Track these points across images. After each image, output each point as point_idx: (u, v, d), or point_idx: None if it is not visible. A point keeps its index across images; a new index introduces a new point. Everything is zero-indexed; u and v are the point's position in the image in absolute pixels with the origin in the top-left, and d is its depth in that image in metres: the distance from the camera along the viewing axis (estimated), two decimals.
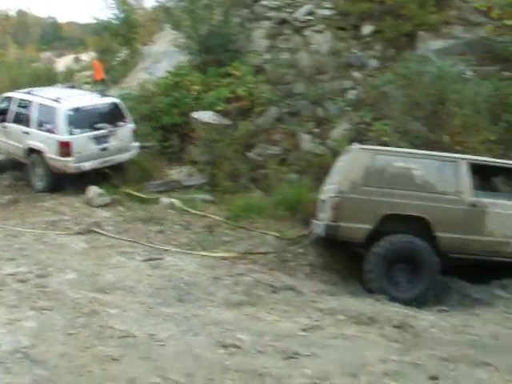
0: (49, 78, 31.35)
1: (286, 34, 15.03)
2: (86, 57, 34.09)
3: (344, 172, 8.87)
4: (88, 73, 26.54)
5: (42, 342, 5.28)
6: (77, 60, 36.94)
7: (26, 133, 12.63)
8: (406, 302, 7.77)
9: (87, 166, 12.18)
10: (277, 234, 10.10)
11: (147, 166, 12.71)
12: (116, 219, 10.56)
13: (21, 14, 57.53)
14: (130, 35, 22.58)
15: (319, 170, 11.55)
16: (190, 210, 11.07)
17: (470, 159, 8.73)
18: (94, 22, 26.32)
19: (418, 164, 8.58)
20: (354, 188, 8.48)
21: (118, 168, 12.61)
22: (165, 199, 11.54)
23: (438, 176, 8.56)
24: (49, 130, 12.24)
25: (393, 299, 7.84)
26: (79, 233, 9.64)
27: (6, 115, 13.23)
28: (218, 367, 5.03)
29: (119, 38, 23.22)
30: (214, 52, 14.67)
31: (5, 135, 13.34)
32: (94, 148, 12.34)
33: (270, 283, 7.81)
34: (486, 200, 8.52)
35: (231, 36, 14.94)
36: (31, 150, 12.54)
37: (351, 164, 8.81)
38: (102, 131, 12.48)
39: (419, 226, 8.36)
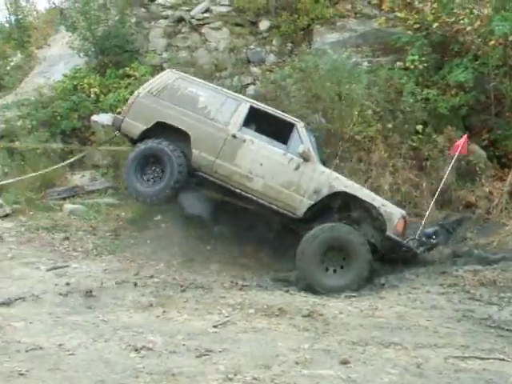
0: None
1: (183, 32, 14.96)
2: None
3: (149, 82, 10.28)
4: None
5: None
6: None
7: None
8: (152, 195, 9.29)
9: None
10: None
11: (48, 173, 12.37)
12: (18, 229, 10.20)
13: None
14: (23, 38, 21.88)
15: None
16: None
17: (253, 103, 9.72)
18: None
19: (206, 93, 9.75)
20: (147, 96, 9.78)
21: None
22: (68, 205, 11.28)
23: (218, 107, 9.54)
24: None
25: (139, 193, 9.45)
26: None
27: None
28: (130, 371, 4.99)
29: (12, 42, 22.45)
30: (112, 53, 14.40)
31: None
32: None
33: (178, 283, 7.81)
34: (247, 136, 9.35)
35: (128, 36, 14.73)
36: None
37: (158, 79, 10.21)
38: None
39: (183, 139, 9.42)
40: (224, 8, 14.90)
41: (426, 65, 11.70)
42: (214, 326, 6.14)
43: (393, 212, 8.71)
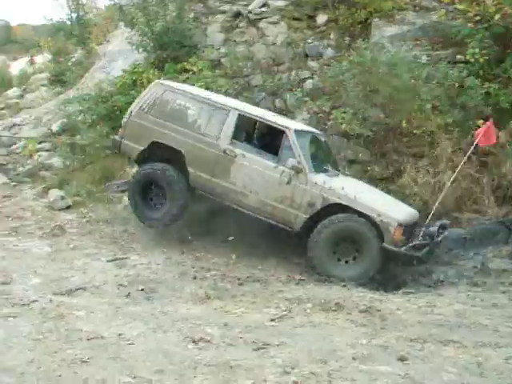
0: (3, 82, 30.85)
1: (241, 26, 14.97)
2: (41, 59, 33.60)
3: (139, 98, 9.96)
4: (43, 75, 26.19)
5: (9, 349, 5.25)
6: (31, 62, 36.35)
7: None
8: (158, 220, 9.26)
9: None
10: None
11: (109, 166, 12.61)
12: (79, 221, 10.46)
13: None
14: (84, 35, 22.32)
15: None
16: None
17: (241, 111, 9.27)
18: (47, 23, 25.98)
19: (194, 105, 9.38)
20: (139, 113, 9.59)
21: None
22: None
23: (207, 119, 9.22)
24: None
25: (147, 220, 9.42)
26: (42, 237, 9.56)
27: None
28: (188, 362, 5.07)
29: (73, 39, 22.93)
30: (170, 48, 14.54)
31: None
32: None
33: (236, 276, 7.85)
34: (238, 150, 9.01)
35: (186, 31, 14.83)
36: None
37: (148, 93, 9.84)
38: None
39: (178, 158, 9.24)
40: (281, 2, 14.84)
41: (486, 58, 11.40)
42: (272, 320, 6.17)
43: (389, 221, 8.27)
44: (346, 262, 8.47)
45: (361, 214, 8.34)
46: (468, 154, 9.55)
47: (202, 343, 5.48)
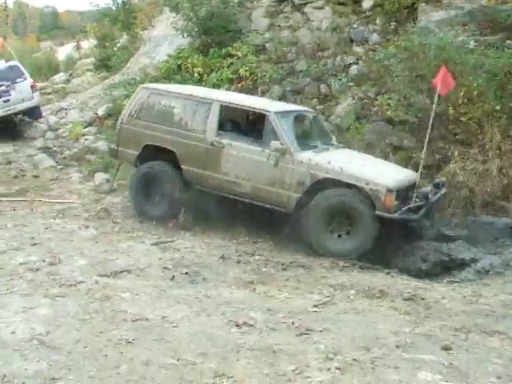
0: (50, 67, 31.30)
1: (285, 11, 14.92)
2: (87, 44, 33.99)
3: (128, 105, 10.34)
4: (89, 60, 26.50)
5: (57, 328, 5.37)
6: (77, 48, 36.80)
7: None
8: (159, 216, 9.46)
9: None
10: None
11: None
12: (124, 204, 10.60)
13: (19, 4, 57.26)
14: (129, 20, 22.49)
15: None
16: None
17: (222, 101, 9.41)
18: (93, 9, 26.26)
19: (178, 103, 9.61)
20: (129, 120, 9.91)
21: None
22: None
23: (191, 115, 9.43)
24: None
25: (149, 217, 9.59)
26: (88, 219, 9.72)
27: None
28: (231, 346, 5.11)
29: (119, 24, 23.12)
30: (215, 33, 14.59)
31: None
32: None
33: (279, 261, 7.84)
34: (225, 141, 9.15)
35: (231, 16, 14.86)
36: None
37: (134, 99, 10.13)
38: (1, 88, 15.77)
39: (171, 157, 9.47)
40: None
41: None
42: (315, 306, 6.16)
43: (378, 188, 8.18)
44: (339, 236, 8.50)
45: (350, 185, 8.32)
46: (434, 105, 9.36)
47: (246, 327, 5.51)
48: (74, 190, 11.43)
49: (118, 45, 22.93)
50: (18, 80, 16.36)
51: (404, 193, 8.55)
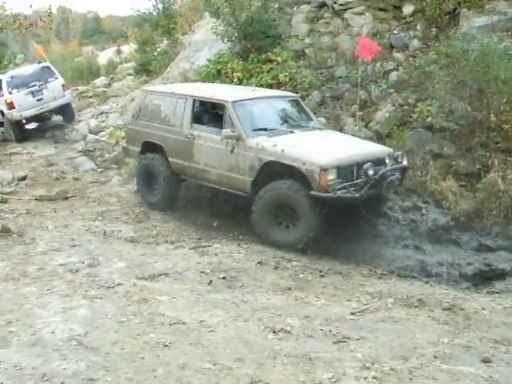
0: (91, 71, 31.73)
1: (325, 17, 14.87)
2: (128, 49, 34.38)
3: (132, 107, 11.67)
4: (129, 64, 26.79)
5: (95, 329, 5.45)
6: (118, 52, 37.27)
7: None
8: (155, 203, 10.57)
9: (27, 113, 17.49)
10: None
11: None
12: (166, 208, 10.63)
13: (62, 10, 58.24)
14: (169, 26, 22.68)
15: None
16: None
17: (195, 96, 10.09)
18: (134, 14, 26.57)
19: (164, 101, 10.50)
20: (132, 121, 11.08)
21: None
22: None
23: (172, 111, 10.23)
24: (2, 95, 17.58)
25: (149, 204, 10.66)
26: (127, 222, 9.82)
27: None
28: (268, 352, 5.10)
29: (159, 29, 23.33)
30: (255, 38, 14.62)
31: None
32: (31, 100, 17.46)
33: (317, 268, 7.79)
34: (196, 133, 9.79)
35: (271, 22, 14.86)
36: (1, 112, 17.83)
37: (136, 101, 11.48)
38: (34, 87, 17.54)
39: (162, 151, 10.36)
40: None
41: None
42: (352, 313, 6.10)
43: (312, 168, 8.22)
44: (287, 226, 8.65)
45: (290, 167, 8.49)
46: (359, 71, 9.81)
47: (282, 334, 5.49)
48: (113, 192, 11.57)
49: (159, 49, 23.16)
50: (49, 80, 18.03)
51: (349, 170, 8.48)
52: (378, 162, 8.80)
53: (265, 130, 9.35)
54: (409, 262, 8.38)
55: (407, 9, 13.98)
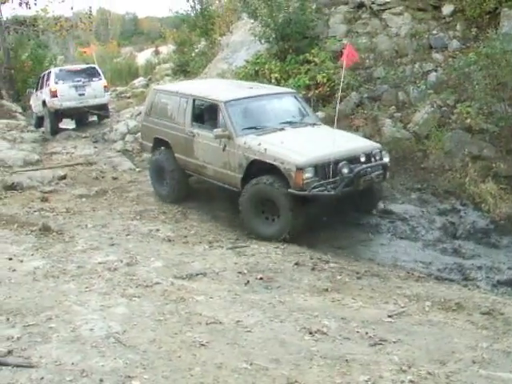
0: (130, 72, 32.09)
1: (363, 18, 14.83)
2: (166, 49, 34.66)
3: (145, 105, 12.27)
4: (167, 65, 27.02)
5: (133, 327, 5.50)
6: (156, 53, 37.63)
7: (41, 92, 19.89)
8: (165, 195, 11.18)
9: (68, 104, 18.90)
10: None
11: None
12: (201, 208, 10.74)
13: (102, 11, 58.98)
14: (207, 27, 22.82)
15: (402, 155, 11.41)
16: None
17: (195, 96, 10.54)
18: (172, 15, 26.81)
19: (171, 100, 11.03)
20: (145, 117, 11.75)
21: None
22: None
23: (177, 109, 10.76)
24: (47, 85, 19.24)
25: (161, 197, 11.28)
26: (165, 222, 9.90)
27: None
28: (304, 353, 5.09)
29: (197, 30, 23.50)
30: (292, 39, 14.63)
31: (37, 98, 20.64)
32: (74, 93, 18.97)
33: (354, 269, 7.75)
34: (195, 130, 10.30)
35: (308, 22, 14.85)
36: (43, 102, 19.41)
37: (148, 99, 12.01)
38: (79, 83, 19.06)
39: (169, 147, 10.97)
40: None
41: None
42: (389, 316, 6.05)
43: (290, 167, 8.64)
44: (273, 220, 9.01)
45: (272, 165, 8.88)
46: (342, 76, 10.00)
47: (319, 335, 5.48)
48: (151, 192, 11.65)
49: (197, 50, 23.33)
50: (93, 79, 19.63)
51: (324, 168, 8.74)
52: (355, 159, 9.07)
53: (255, 128, 9.73)
54: (447, 265, 8.27)
55: (447, 9, 13.85)
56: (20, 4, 27.71)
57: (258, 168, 9.16)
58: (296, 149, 8.93)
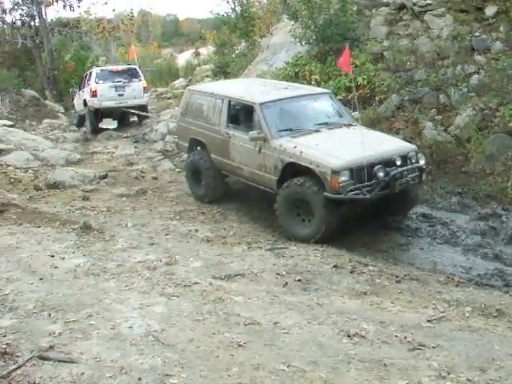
0: (170, 73, 32.36)
1: (405, 19, 14.70)
2: (206, 51, 34.86)
3: (180, 105, 12.36)
4: (207, 66, 27.17)
5: (171, 326, 5.57)
6: (196, 54, 37.86)
7: (83, 91, 20.59)
8: (201, 196, 11.30)
9: (107, 103, 19.40)
10: None
11: None
12: (240, 210, 10.80)
13: (143, 13, 59.65)
14: (247, 28, 22.91)
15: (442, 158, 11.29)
16: None
17: (230, 97, 10.60)
18: (213, 16, 26.97)
19: (206, 101, 11.08)
20: (181, 117, 11.86)
21: None
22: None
23: (212, 110, 10.81)
24: (88, 85, 19.82)
25: (197, 197, 11.41)
26: (204, 222, 9.96)
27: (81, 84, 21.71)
28: (342, 356, 5.09)
29: (237, 32, 23.61)
30: (333, 41, 14.60)
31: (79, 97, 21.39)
32: (113, 93, 19.43)
33: (393, 273, 7.68)
34: (231, 132, 10.35)
35: (349, 24, 14.80)
36: (84, 102, 20.06)
37: (183, 99, 12.09)
38: (119, 83, 19.59)
39: (205, 147, 11.08)
40: None
41: None
42: (429, 321, 5.99)
43: (325, 171, 8.62)
44: (309, 221, 9.03)
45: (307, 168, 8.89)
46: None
47: (357, 338, 5.46)
48: (190, 192, 11.73)
49: (237, 52, 23.46)
50: (134, 80, 20.12)
51: (360, 171, 8.70)
52: (391, 162, 8.99)
53: (290, 130, 9.72)
54: (488, 271, 8.15)
55: (490, 10, 13.63)
56: (64, 6, 28.40)
57: (293, 170, 9.16)
58: (331, 152, 8.90)
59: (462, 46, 13.33)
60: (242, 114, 10.56)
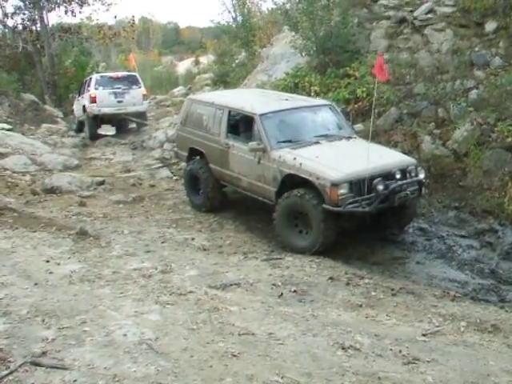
0: (170, 81, 32.41)
1: (405, 33, 14.75)
2: (206, 59, 34.94)
3: (180, 114, 12.47)
4: (207, 75, 27.22)
5: (166, 335, 5.53)
6: (196, 63, 37.94)
7: (82, 97, 20.62)
8: (199, 205, 11.29)
9: (106, 110, 19.38)
10: None
11: None
12: (236, 220, 10.76)
13: (144, 20, 59.83)
14: (248, 38, 22.96)
15: (440, 172, 11.30)
16: None
17: (230, 108, 10.57)
18: (213, 25, 27.03)
19: (206, 110, 11.05)
20: (180, 127, 11.85)
21: None
22: None
23: (212, 120, 10.78)
24: (88, 91, 19.85)
25: (194, 206, 11.42)
26: (200, 231, 9.94)
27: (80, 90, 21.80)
28: (336, 369, 5.06)
29: (238, 41, 23.66)
30: (333, 53, 14.65)
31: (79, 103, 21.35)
32: (113, 100, 19.46)
33: (389, 286, 7.66)
34: (230, 142, 10.33)
35: (350, 36, 14.86)
36: (84, 108, 20.10)
37: (183, 108, 12.14)
38: (118, 90, 19.58)
39: (204, 157, 11.08)
40: (448, 8, 14.41)
41: None
42: (423, 335, 5.97)
43: (324, 183, 8.60)
44: (307, 232, 9.00)
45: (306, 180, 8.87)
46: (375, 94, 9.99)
47: (352, 351, 5.43)
48: (187, 201, 11.71)
49: (237, 61, 23.51)
50: (133, 87, 20.10)
51: (359, 185, 8.70)
52: (390, 176, 8.98)
53: (290, 141, 9.70)
54: (483, 286, 8.15)
55: (490, 25, 13.69)
56: (66, 12, 28.48)
57: (292, 182, 9.14)
58: (331, 164, 8.89)
59: (461, 60, 13.37)
60: (241, 125, 10.56)
